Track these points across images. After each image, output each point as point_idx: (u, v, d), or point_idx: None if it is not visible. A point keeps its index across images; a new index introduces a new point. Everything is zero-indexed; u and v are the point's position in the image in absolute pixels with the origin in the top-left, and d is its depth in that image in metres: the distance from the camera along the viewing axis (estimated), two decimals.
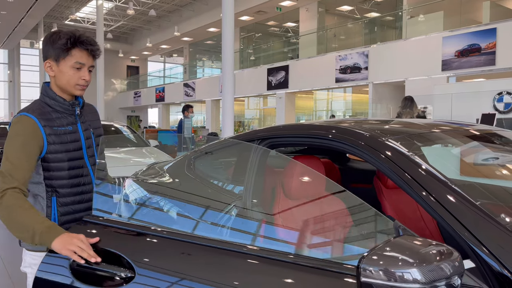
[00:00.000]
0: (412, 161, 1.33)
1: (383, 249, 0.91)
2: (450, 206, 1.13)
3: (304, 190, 1.82)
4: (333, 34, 16.81)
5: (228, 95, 8.33)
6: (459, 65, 10.56)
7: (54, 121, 1.57)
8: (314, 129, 1.88)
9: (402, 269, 0.86)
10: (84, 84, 1.60)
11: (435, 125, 1.95)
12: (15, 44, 26.67)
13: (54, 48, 1.55)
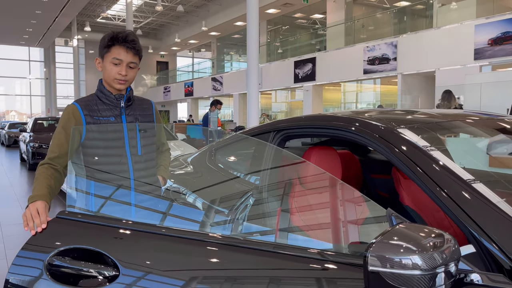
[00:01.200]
0: (422, 153, 1.35)
1: (388, 238, 0.93)
2: (451, 192, 1.16)
3: (317, 181, 1.87)
4: (361, 25, 16.55)
5: (253, 89, 8.40)
6: (492, 54, 10.20)
7: (97, 112, 1.73)
8: (327, 120, 1.92)
9: (403, 255, 0.89)
10: (121, 79, 1.72)
11: (455, 115, 1.95)
12: (50, 43, 27.62)
13: (100, 47, 1.75)
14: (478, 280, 0.96)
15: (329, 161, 2.09)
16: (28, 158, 11.04)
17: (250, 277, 1.16)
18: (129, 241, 1.29)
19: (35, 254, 1.31)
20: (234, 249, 1.21)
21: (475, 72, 10.30)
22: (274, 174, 2.00)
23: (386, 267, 0.89)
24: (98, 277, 1.21)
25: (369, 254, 0.91)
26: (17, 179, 9.50)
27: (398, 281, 0.88)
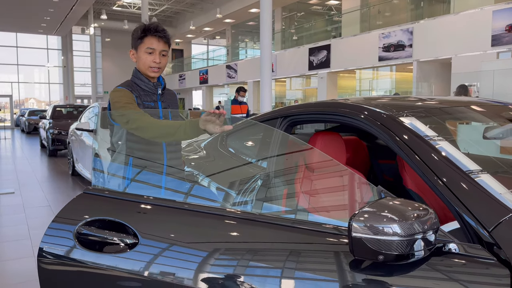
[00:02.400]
0: (420, 141, 1.45)
1: (369, 208, 1.05)
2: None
3: (321, 165, 1.98)
4: (377, 11, 16.35)
5: (266, 76, 8.47)
6: (510, 40, 10.04)
7: (141, 97, 1.89)
8: (333, 107, 2.02)
9: (386, 224, 1.01)
10: (156, 66, 1.88)
11: (459, 102, 2.03)
12: (68, 31, 27.99)
13: (134, 39, 1.90)
14: (456, 249, 1.08)
15: (334, 146, 2.20)
16: (48, 144, 11.37)
17: (268, 249, 1.27)
18: (147, 214, 1.46)
19: (65, 226, 1.49)
20: (249, 223, 1.33)
21: (492, 59, 10.16)
22: (280, 158, 2.12)
23: (367, 234, 1.01)
24: (120, 244, 1.38)
25: (352, 222, 1.03)
26: (38, 165, 9.83)
27: (378, 246, 1.00)
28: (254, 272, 1.22)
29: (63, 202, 5.83)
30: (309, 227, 1.27)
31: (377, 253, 1.00)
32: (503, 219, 1.10)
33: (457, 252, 1.08)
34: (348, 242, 1.04)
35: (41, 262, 1.49)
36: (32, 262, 3.54)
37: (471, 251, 1.07)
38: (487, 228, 1.11)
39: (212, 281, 1.27)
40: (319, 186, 1.93)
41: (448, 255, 1.08)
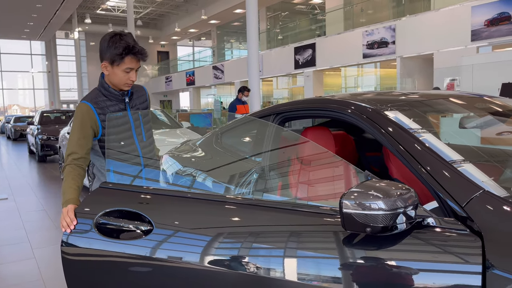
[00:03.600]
0: (403, 130, 1.61)
1: (357, 188, 1.22)
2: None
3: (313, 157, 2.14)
4: (360, 9, 16.62)
5: (254, 76, 8.61)
6: (489, 35, 10.36)
7: (107, 109, 1.95)
8: (322, 103, 2.17)
9: (372, 201, 1.17)
10: (131, 83, 1.97)
11: (440, 95, 2.20)
12: (51, 36, 27.77)
13: (111, 54, 1.88)
14: (433, 222, 1.24)
15: (323, 140, 2.35)
16: (37, 150, 11.35)
17: (270, 231, 1.44)
18: (159, 204, 1.62)
19: (85, 217, 1.66)
20: (252, 207, 1.50)
21: (472, 54, 10.46)
22: (275, 151, 2.26)
23: (356, 209, 1.17)
24: (136, 231, 1.54)
25: (343, 200, 1.20)
26: (29, 171, 9.82)
27: (365, 220, 1.16)
28: (258, 253, 1.38)
29: (57, 206, 5.89)
30: (308, 209, 1.43)
31: (365, 226, 1.16)
32: (474, 195, 1.27)
33: (435, 225, 1.23)
34: (340, 218, 1.20)
35: (64, 251, 1.64)
36: (33, 264, 3.62)
37: (447, 224, 1.23)
38: (461, 204, 1.27)
39: (219, 262, 1.41)
40: (314, 176, 2.08)
41: (427, 228, 1.24)
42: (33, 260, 3.71)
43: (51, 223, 5.00)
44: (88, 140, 1.91)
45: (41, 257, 3.80)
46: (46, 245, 4.16)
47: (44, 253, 3.93)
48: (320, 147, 2.21)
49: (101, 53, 1.93)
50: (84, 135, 1.89)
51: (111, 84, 1.98)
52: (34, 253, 3.89)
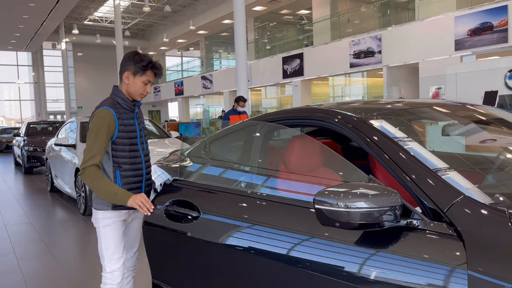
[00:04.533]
0: (389, 141, 1.65)
1: (332, 187, 1.34)
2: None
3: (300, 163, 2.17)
4: (347, 19, 16.86)
5: (242, 86, 8.65)
6: (472, 44, 10.58)
7: (122, 115, 2.17)
8: (309, 112, 2.20)
9: (339, 199, 1.29)
10: (145, 95, 2.24)
11: (425, 104, 2.25)
12: (38, 47, 27.59)
13: (136, 65, 2.14)
14: (418, 224, 1.28)
15: (310, 147, 2.38)
16: (23, 162, 11.20)
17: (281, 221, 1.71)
18: (205, 195, 2.09)
19: (158, 205, 2.20)
20: (274, 204, 1.81)
21: (456, 63, 10.67)
22: (262, 161, 2.28)
23: (324, 206, 1.30)
24: (188, 216, 2.03)
25: (315, 197, 1.34)
26: (14, 183, 9.68)
27: (334, 215, 1.29)
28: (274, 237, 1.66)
29: (44, 219, 5.82)
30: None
31: (334, 221, 1.29)
32: (455, 200, 1.30)
33: (421, 227, 1.28)
34: (315, 212, 1.34)
35: (144, 229, 2.27)
36: (19, 277, 3.57)
37: (433, 227, 1.27)
38: (443, 209, 1.30)
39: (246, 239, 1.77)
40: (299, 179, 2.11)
41: (414, 231, 1.28)
42: (19, 273, 3.65)
43: (37, 235, 4.93)
44: (107, 145, 2.14)
45: (27, 270, 3.74)
46: (32, 258, 4.10)
47: (30, 266, 3.87)
48: (305, 156, 2.24)
49: (124, 65, 2.18)
50: (106, 140, 2.11)
51: (127, 94, 2.21)
52: (20, 266, 3.83)
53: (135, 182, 2.20)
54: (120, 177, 2.16)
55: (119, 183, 2.15)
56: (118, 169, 2.17)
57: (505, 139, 2.11)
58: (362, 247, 1.36)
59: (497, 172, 1.84)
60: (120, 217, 2.20)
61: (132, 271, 2.40)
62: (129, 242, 2.35)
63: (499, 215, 1.21)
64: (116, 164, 2.17)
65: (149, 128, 7.62)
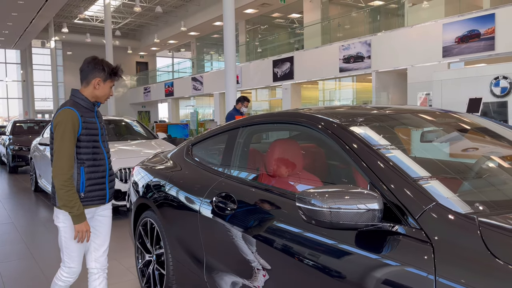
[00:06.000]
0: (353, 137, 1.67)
1: (314, 189, 1.41)
2: (379, 173, 1.47)
3: (280, 165, 2.17)
4: (337, 24, 16.96)
5: (231, 88, 8.64)
6: (460, 51, 10.72)
7: (85, 114, 2.28)
8: (290, 116, 2.20)
9: (311, 198, 1.39)
10: (109, 97, 2.41)
11: (407, 110, 2.27)
12: (27, 44, 27.28)
13: (106, 72, 2.30)
14: (401, 229, 1.31)
15: (291, 151, 2.38)
16: (8, 161, 11.05)
17: None
18: (242, 190, 2.12)
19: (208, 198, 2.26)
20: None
21: (443, 69, 10.79)
22: (242, 163, 2.27)
23: (303, 204, 1.41)
24: (227, 208, 2.09)
25: (297, 195, 1.44)
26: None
27: (310, 214, 1.38)
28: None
29: (27, 219, 5.74)
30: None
31: (311, 218, 1.40)
32: (427, 207, 1.31)
33: (399, 232, 1.31)
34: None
35: (199, 217, 2.28)
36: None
37: (406, 232, 1.28)
38: (414, 216, 1.31)
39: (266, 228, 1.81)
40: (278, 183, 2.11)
41: (389, 234, 1.30)
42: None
43: (18, 236, 4.86)
44: (75, 141, 2.23)
45: (6, 271, 3.68)
46: (12, 259, 4.04)
47: (9, 266, 3.81)
48: (287, 160, 2.24)
49: (92, 72, 2.29)
50: (73, 140, 2.21)
51: (93, 96, 2.32)
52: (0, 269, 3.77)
53: (98, 178, 2.30)
54: (84, 173, 2.25)
55: (83, 178, 2.24)
56: (82, 165, 2.25)
57: (484, 147, 2.13)
58: (344, 244, 1.45)
59: (475, 179, 1.86)
60: (86, 213, 2.27)
61: (103, 271, 2.42)
62: (98, 239, 2.40)
63: (468, 222, 1.22)
64: (80, 160, 2.25)
65: (136, 129, 7.58)
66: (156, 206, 2.70)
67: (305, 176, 2.28)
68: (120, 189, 5.42)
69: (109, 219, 2.45)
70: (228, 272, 2.05)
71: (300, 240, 1.60)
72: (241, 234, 1.92)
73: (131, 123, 7.74)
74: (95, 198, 2.29)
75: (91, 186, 2.26)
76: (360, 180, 2.62)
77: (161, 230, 2.66)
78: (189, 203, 2.39)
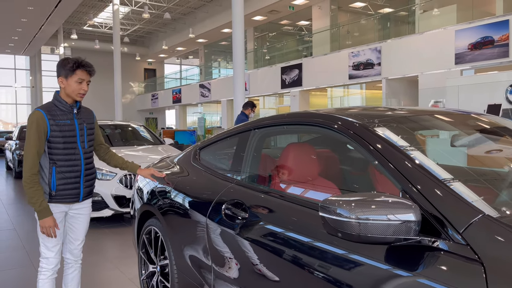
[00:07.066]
0: (381, 140, 1.49)
1: (333, 197, 1.25)
2: (422, 187, 1.29)
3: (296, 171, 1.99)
4: (346, 31, 16.83)
5: (239, 95, 8.50)
6: (473, 58, 10.50)
7: (57, 116, 2.32)
8: (307, 117, 2.03)
9: (338, 207, 1.22)
10: (83, 93, 2.36)
11: (429, 111, 2.08)
12: (36, 51, 27.44)
13: (65, 69, 2.32)
14: (443, 245, 1.12)
15: (306, 155, 2.20)
16: (14, 166, 10.97)
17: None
18: (254, 197, 1.94)
19: (219, 204, 2.06)
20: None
21: (455, 77, 10.57)
22: (254, 168, 2.10)
23: (327, 214, 1.24)
24: (238, 216, 1.90)
25: (320, 204, 1.27)
26: (3, 188, 9.44)
27: (335, 224, 1.21)
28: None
29: (29, 225, 5.60)
30: None
31: (336, 230, 1.22)
32: (473, 220, 1.12)
33: (443, 248, 1.12)
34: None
35: (207, 226, 2.10)
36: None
37: (449, 249, 1.09)
38: (459, 230, 1.12)
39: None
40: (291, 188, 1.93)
41: (429, 250, 1.12)
42: None
43: (20, 243, 4.71)
44: (42, 142, 2.27)
45: (5, 280, 3.53)
46: (12, 267, 3.89)
47: (9, 275, 3.66)
48: (302, 164, 2.06)
49: (57, 72, 2.36)
50: (38, 138, 2.24)
51: (66, 96, 2.35)
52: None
53: (71, 178, 2.34)
54: (56, 173, 2.30)
55: (54, 178, 2.30)
56: (53, 165, 2.30)
57: None
58: (373, 261, 1.24)
59: None
60: (57, 209, 2.34)
61: (76, 262, 2.55)
62: (74, 234, 2.50)
63: None
64: (52, 160, 2.30)
65: (142, 135, 7.45)
66: (161, 214, 2.53)
67: (323, 183, 2.10)
68: (125, 196, 5.27)
69: (85, 217, 2.51)
70: (238, 287, 1.87)
71: (321, 254, 1.41)
72: (254, 245, 1.74)
73: (137, 128, 7.62)
74: (68, 197, 2.35)
75: (63, 185, 2.32)
76: (387, 187, 2.43)
77: (165, 240, 2.49)
78: (197, 211, 2.22)
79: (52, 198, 2.31)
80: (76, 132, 2.36)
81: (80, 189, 2.39)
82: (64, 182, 2.32)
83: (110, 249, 4.51)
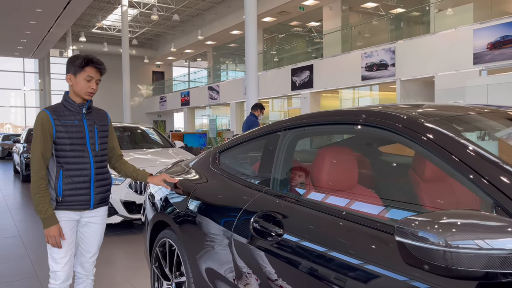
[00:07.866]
0: (458, 142, 1.22)
1: (419, 217, 0.98)
2: (505, 188, 1.01)
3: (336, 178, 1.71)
4: (358, 32, 16.52)
5: (252, 97, 8.24)
6: (492, 58, 10.14)
7: (65, 116, 2.17)
8: (344, 115, 1.76)
9: (423, 230, 0.93)
10: (92, 92, 2.21)
11: (472, 108, 1.80)
12: (45, 54, 27.47)
13: (74, 66, 2.17)
14: None
15: (345, 160, 1.92)
16: (21, 169, 10.81)
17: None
18: (290, 209, 1.67)
19: (247, 216, 1.79)
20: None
21: (475, 77, 10.22)
22: (287, 175, 1.83)
23: (409, 239, 0.96)
24: (271, 232, 1.62)
25: (397, 225, 1.00)
26: (10, 192, 9.26)
27: (420, 253, 0.93)
28: None
29: (34, 232, 5.37)
30: None
31: (422, 261, 0.96)
32: None
33: None
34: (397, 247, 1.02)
35: (233, 242, 1.82)
36: None
37: None
38: None
39: None
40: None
41: None
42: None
43: (24, 251, 4.47)
44: (48, 144, 2.12)
45: None
46: (16, 279, 3.64)
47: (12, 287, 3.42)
48: (347, 171, 1.79)
49: (67, 69, 2.21)
50: (44, 139, 2.11)
51: (75, 95, 2.21)
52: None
53: (79, 182, 2.17)
54: (63, 177, 2.14)
55: (61, 182, 2.13)
56: (61, 168, 2.14)
57: None
58: None
59: None
60: (66, 216, 2.17)
61: (87, 277, 2.36)
62: (85, 245, 2.31)
63: None
64: (59, 163, 2.15)
65: (152, 138, 7.21)
66: (177, 225, 2.27)
67: (376, 195, 1.81)
68: (135, 201, 5.02)
69: (97, 226, 2.31)
70: None
71: (387, 286, 1.12)
72: (293, 269, 1.46)
73: (147, 130, 7.38)
74: (76, 203, 2.17)
75: (71, 191, 2.15)
76: (424, 196, 2.14)
77: (182, 254, 2.22)
78: (219, 223, 1.94)
79: (59, 204, 2.14)
80: (85, 133, 2.20)
81: (90, 195, 2.20)
82: (71, 187, 2.15)
83: (119, 259, 4.25)
